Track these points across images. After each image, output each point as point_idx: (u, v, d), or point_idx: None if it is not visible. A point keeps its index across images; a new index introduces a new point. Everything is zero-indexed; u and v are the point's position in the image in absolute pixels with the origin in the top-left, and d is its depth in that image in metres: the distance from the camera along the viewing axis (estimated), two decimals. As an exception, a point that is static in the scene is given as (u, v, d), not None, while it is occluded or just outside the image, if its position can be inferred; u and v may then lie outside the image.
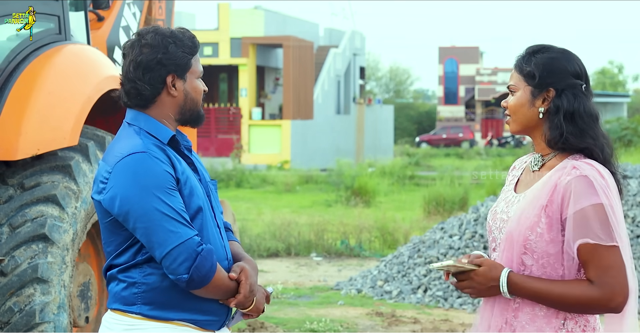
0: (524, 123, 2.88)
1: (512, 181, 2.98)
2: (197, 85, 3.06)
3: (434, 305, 9.22)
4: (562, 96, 2.80)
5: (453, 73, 59.82)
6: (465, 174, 22.95)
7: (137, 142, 2.95)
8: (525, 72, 2.85)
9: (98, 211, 3.02)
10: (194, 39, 3.05)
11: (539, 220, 2.76)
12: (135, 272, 2.98)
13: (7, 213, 4.77)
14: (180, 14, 36.04)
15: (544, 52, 2.85)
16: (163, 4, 7.20)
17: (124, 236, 2.97)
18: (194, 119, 3.09)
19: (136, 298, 2.98)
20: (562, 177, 2.76)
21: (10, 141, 4.81)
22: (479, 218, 10.02)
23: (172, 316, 2.97)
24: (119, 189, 2.90)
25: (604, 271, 2.71)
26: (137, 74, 2.99)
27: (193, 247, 2.90)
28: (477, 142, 53.90)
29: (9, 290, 4.63)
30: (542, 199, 2.77)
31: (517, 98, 2.87)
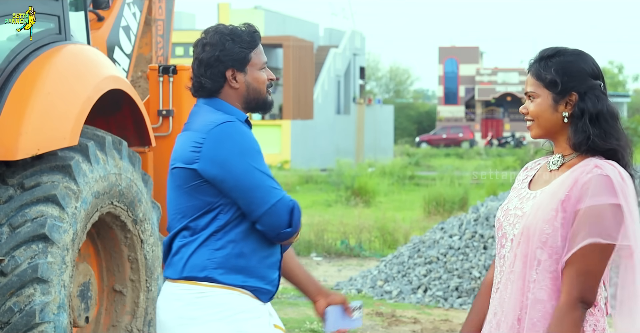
0: (547, 128, 2.87)
1: (525, 180, 2.97)
2: (259, 76, 3.33)
3: (434, 305, 9.22)
4: (585, 99, 2.81)
5: (453, 73, 59.84)
6: (465, 174, 22.95)
7: (224, 115, 3.25)
8: (546, 80, 2.84)
9: (178, 179, 3.22)
10: (254, 34, 3.32)
11: (556, 214, 2.76)
12: (212, 239, 3.18)
13: (7, 213, 4.77)
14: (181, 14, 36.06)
15: (560, 56, 2.85)
16: (163, 4, 7.20)
17: (204, 202, 3.18)
18: (260, 107, 3.38)
19: (208, 263, 3.18)
20: (584, 174, 2.77)
21: (10, 141, 4.80)
22: (479, 218, 10.03)
23: (239, 282, 3.18)
24: (218, 153, 3.17)
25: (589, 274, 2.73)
26: (200, 70, 3.29)
27: (288, 202, 3.19)
28: (477, 142, 53.91)
29: (9, 290, 4.63)
30: (560, 193, 2.77)
31: (539, 104, 2.86)
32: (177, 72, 6.16)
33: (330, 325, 3.35)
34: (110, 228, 5.51)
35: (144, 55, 7.00)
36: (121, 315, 5.65)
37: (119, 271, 5.62)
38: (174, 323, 3.22)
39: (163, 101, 6.16)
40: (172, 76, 6.14)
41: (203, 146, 3.18)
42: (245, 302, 3.20)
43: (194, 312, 3.19)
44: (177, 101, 6.17)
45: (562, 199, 2.77)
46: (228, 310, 3.18)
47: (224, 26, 3.33)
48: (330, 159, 32.89)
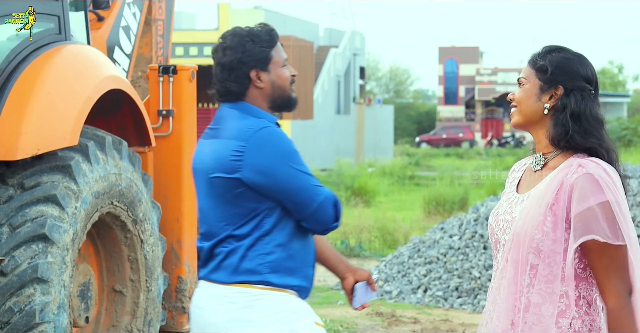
0: (527, 116, 2.87)
1: (513, 183, 2.98)
2: (282, 73, 3.36)
3: (434, 305, 9.22)
4: (570, 95, 2.81)
5: (453, 73, 59.83)
6: (465, 174, 22.95)
7: (257, 120, 3.28)
8: (537, 66, 2.85)
9: (219, 187, 3.25)
10: (272, 32, 3.35)
11: (545, 219, 2.76)
12: (260, 244, 3.25)
13: (7, 213, 4.77)
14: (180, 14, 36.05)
15: (560, 52, 2.87)
16: (163, 4, 7.20)
17: (248, 209, 3.24)
18: (286, 104, 3.39)
19: (262, 268, 3.26)
20: (569, 175, 2.76)
21: (10, 141, 4.80)
22: (479, 218, 10.02)
23: (291, 283, 3.27)
24: (261, 160, 3.22)
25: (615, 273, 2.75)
26: (224, 75, 3.33)
27: (331, 197, 3.30)
28: (477, 142, 53.90)
29: (9, 290, 4.63)
30: (547, 197, 2.77)
31: (525, 90, 2.87)
32: (177, 72, 6.16)
33: (357, 301, 3.47)
34: (110, 228, 5.50)
35: (144, 55, 7.00)
36: (121, 315, 5.64)
37: (119, 271, 5.62)
38: (229, 325, 3.28)
39: (163, 101, 6.16)
40: (172, 76, 6.14)
41: (244, 154, 3.23)
42: (295, 303, 3.30)
43: (250, 315, 3.26)
44: (177, 101, 6.17)
45: (551, 203, 2.77)
46: (282, 311, 3.27)
47: (241, 28, 3.37)
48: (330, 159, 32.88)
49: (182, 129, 6.17)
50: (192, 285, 6.16)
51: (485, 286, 9.23)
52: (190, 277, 6.15)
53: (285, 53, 3.39)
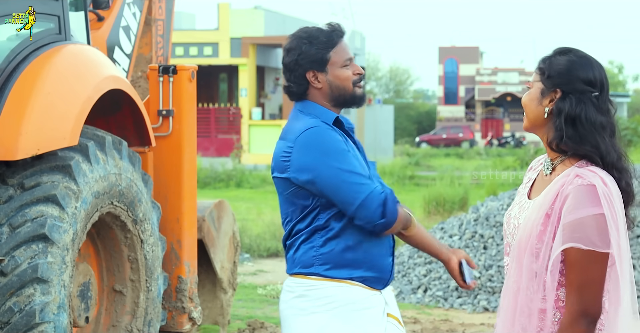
0: (532, 120, 2.88)
1: (528, 184, 2.98)
2: (341, 73, 3.45)
3: (433, 305, 9.22)
4: (565, 99, 2.79)
5: (453, 73, 59.82)
6: (465, 174, 22.93)
7: (309, 121, 3.43)
8: (539, 68, 2.88)
9: (278, 187, 3.47)
10: (332, 34, 3.46)
11: (545, 229, 2.77)
12: (314, 237, 3.41)
13: (7, 213, 4.77)
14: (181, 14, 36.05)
15: (565, 55, 2.86)
16: (163, 4, 7.20)
17: (302, 206, 3.41)
18: (349, 102, 3.49)
19: (314, 260, 3.42)
20: (565, 185, 2.76)
21: (10, 141, 4.80)
22: (479, 218, 10.03)
23: (345, 275, 3.38)
24: (303, 159, 3.37)
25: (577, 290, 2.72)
26: (286, 76, 3.51)
27: (378, 194, 3.34)
28: (477, 142, 53.88)
29: (9, 290, 4.63)
30: (545, 207, 2.78)
31: (529, 94, 2.89)
32: (177, 72, 6.16)
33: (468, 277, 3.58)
34: (110, 228, 5.51)
35: (144, 55, 7.00)
36: (121, 315, 5.65)
37: (119, 271, 5.62)
38: (287, 312, 3.50)
39: (163, 101, 6.16)
40: (172, 76, 6.14)
41: (291, 154, 3.42)
42: (355, 293, 3.40)
43: (304, 303, 3.44)
44: (177, 101, 6.17)
45: (548, 213, 2.77)
46: (335, 302, 3.40)
47: (304, 29, 3.50)
48: (330, 159, 32.78)
49: (182, 129, 6.18)
50: (192, 285, 6.16)
51: (486, 286, 9.24)
52: (190, 277, 6.15)
53: (348, 53, 3.48)
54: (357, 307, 3.41)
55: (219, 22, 35.31)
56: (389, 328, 3.49)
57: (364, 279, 3.42)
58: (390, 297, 3.56)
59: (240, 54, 35.18)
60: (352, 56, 3.50)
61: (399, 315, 3.57)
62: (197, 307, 6.17)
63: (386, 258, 3.48)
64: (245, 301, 9.16)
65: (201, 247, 6.64)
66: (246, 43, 34.89)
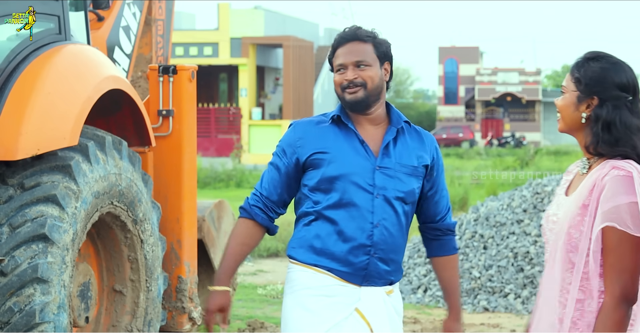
0: (568, 124, 3.04)
1: (564, 185, 3.12)
2: (334, 78, 3.57)
3: (434, 305, 9.22)
4: (603, 106, 2.96)
5: (453, 73, 59.82)
6: (466, 174, 22.93)
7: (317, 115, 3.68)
8: (575, 77, 3.01)
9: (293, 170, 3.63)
10: (336, 38, 3.60)
11: (582, 219, 2.91)
12: (298, 223, 3.61)
13: (7, 213, 4.76)
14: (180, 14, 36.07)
15: (598, 61, 3.01)
16: (163, 4, 7.20)
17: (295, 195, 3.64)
18: (346, 106, 3.58)
19: (292, 243, 3.59)
20: (602, 177, 2.90)
21: (10, 141, 4.80)
22: (479, 218, 10.03)
23: (312, 261, 3.51)
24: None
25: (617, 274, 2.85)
26: None
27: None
28: (477, 142, 53.88)
29: (9, 290, 4.63)
30: (583, 198, 2.92)
31: (565, 99, 3.04)
32: (177, 72, 6.16)
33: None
34: (110, 228, 5.51)
35: (144, 55, 7.00)
36: (121, 315, 5.65)
37: (119, 271, 5.62)
38: None
39: (163, 101, 6.16)
40: (172, 76, 6.14)
41: None
42: (317, 280, 3.51)
43: (285, 285, 3.64)
44: (177, 101, 6.17)
45: (585, 203, 2.91)
46: (297, 285, 3.54)
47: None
48: (330, 159, 32.77)
49: (182, 129, 6.18)
50: (192, 285, 6.16)
51: (485, 286, 9.24)
52: (190, 277, 6.15)
53: (339, 58, 3.54)
54: (315, 292, 3.50)
55: (219, 22, 35.32)
56: (348, 323, 3.49)
57: (330, 269, 3.50)
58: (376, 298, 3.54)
59: (240, 54, 35.20)
60: (350, 61, 3.51)
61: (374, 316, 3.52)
62: (197, 307, 6.17)
63: (358, 256, 3.50)
64: (245, 301, 9.16)
65: (201, 247, 6.65)
66: (246, 43, 34.91)
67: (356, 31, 3.56)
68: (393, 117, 3.61)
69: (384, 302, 3.55)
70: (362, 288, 3.52)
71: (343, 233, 3.50)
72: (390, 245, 3.53)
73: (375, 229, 3.50)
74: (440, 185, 3.66)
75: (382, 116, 3.61)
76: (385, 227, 3.51)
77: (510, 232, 9.65)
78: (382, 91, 3.57)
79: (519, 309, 8.92)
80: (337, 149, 3.53)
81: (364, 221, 3.50)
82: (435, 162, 3.65)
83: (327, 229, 3.51)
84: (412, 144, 3.60)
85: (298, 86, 35.18)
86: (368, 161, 3.52)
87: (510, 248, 9.46)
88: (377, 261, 3.51)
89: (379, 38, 3.58)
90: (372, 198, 3.50)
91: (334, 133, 3.56)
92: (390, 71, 3.62)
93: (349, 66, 3.52)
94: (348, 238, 3.50)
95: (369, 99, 3.53)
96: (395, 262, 3.57)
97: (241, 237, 3.67)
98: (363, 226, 3.50)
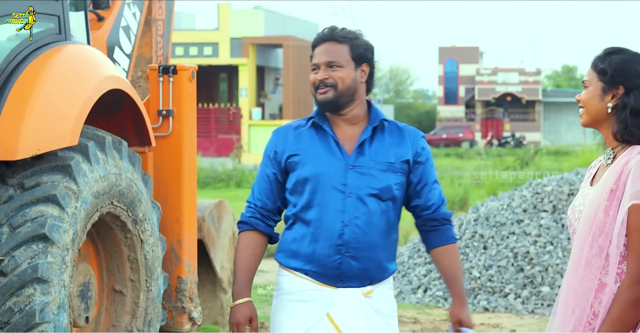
0: (593, 116, 3.12)
1: (589, 178, 3.20)
2: (310, 78, 3.59)
3: (434, 305, 9.23)
4: (630, 95, 3.06)
5: (453, 73, 59.85)
6: (466, 174, 22.95)
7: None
8: (598, 69, 3.10)
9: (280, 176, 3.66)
10: (314, 38, 3.59)
11: (610, 204, 2.99)
12: (284, 229, 3.64)
13: (7, 213, 4.77)
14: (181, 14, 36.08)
15: (619, 54, 3.11)
16: (163, 4, 7.20)
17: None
18: (318, 106, 3.59)
19: (277, 249, 3.65)
20: (628, 162, 2.99)
21: (10, 141, 4.80)
22: (479, 218, 10.04)
23: (292, 264, 3.55)
24: None
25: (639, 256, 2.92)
26: None
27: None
28: (477, 142, 53.90)
29: (8, 290, 4.63)
30: (610, 183, 3.01)
31: (589, 92, 3.12)
32: (177, 72, 6.16)
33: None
34: (110, 228, 5.51)
35: (144, 55, 7.00)
36: (121, 315, 5.65)
37: (119, 271, 5.62)
38: None
39: (163, 101, 6.16)
40: (172, 76, 6.15)
41: None
42: (296, 284, 3.55)
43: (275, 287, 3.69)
44: (177, 101, 6.17)
45: (612, 188, 2.99)
46: (280, 289, 3.61)
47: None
48: (330, 159, 32.78)
49: (182, 129, 6.18)
50: (192, 285, 6.17)
51: (485, 286, 9.25)
52: (190, 277, 6.16)
53: (314, 57, 3.56)
54: (294, 297, 3.54)
55: (219, 22, 35.34)
56: (318, 328, 3.50)
57: (306, 272, 3.53)
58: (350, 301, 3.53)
59: (240, 54, 35.22)
60: (322, 61, 3.52)
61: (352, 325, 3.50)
62: (197, 307, 6.18)
63: (330, 256, 3.51)
64: (246, 301, 9.15)
65: (201, 247, 6.65)
66: (246, 43, 34.92)
67: (333, 32, 3.55)
68: (371, 116, 3.62)
69: (359, 303, 3.53)
70: (338, 291, 3.52)
71: (315, 234, 3.52)
72: (363, 243, 3.52)
73: (346, 228, 3.50)
74: (429, 178, 3.65)
75: (361, 116, 3.61)
76: (357, 226, 3.51)
77: (510, 232, 9.66)
78: (355, 92, 3.56)
79: (519, 309, 8.93)
80: (310, 151, 3.56)
81: (335, 221, 3.51)
82: (420, 156, 3.66)
83: (302, 231, 3.54)
84: (390, 141, 3.61)
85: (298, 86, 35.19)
86: (341, 161, 3.54)
87: (510, 248, 9.46)
88: (349, 260, 3.51)
89: (358, 40, 3.56)
90: (343, 197, 3.51)
91: (309, 135, 3.58)
92: (370, 73, 3.60)
93: (321, 66, 3.53)
94: (320, 239, 3.52)
95: (339, 99, 3.53)
96: (371, 260, 3.54)
97: (249, 249, 3.64)
98: (334, 225, 3.51)
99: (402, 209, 3.68)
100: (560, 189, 9.81)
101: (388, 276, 3.61)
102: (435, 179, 3.69)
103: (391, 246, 3.61)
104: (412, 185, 3.62)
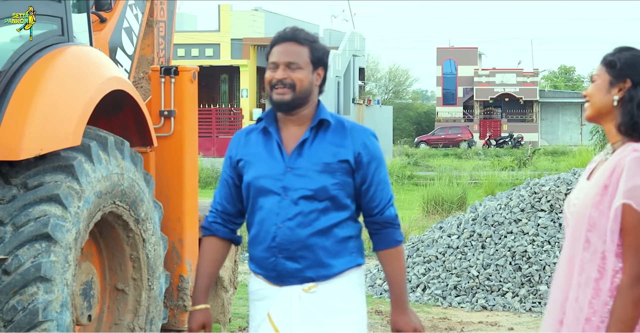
0: (598, 108, 3.14)
1: (587, 172, 3.21)
2: (265, 75, 3.54)
3: (432, 303, 9.26)
4: (637, 88, 3.08)
5: (451, 74, 59.80)
6: (464, 174, 22.95)
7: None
8: (607, 62, 3.14)
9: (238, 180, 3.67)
10: (274, 36, 3.55)
11: (602, 199, 3.01)
12: None
13: (10, 213, 4.78)
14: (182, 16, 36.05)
15: (630, 51, 3.16)
16: (165, 5, 7.22)
17: None
18: (272, 104, 3.54)
19: None
20: (622, 158, 3.00)
21: (13, 142, 4.82)
22: (477, 217, 10.07)
23: (250, 266, 3.60)
24: None
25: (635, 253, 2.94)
26: None
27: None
28: (476, 142, 53.86)
29: (12, 288, 4.64)
30: (603, 179, 3.02)
31: (596, 85, 3.16)
32: (179, 73, 6.20)
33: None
34: (113, 227, 5.53)
35: (146, 56, 7.03)
36: (123, 313, 5.67)
37: (121, 270, 5.64)
38: None
39: (165, 101, 6.20)
40: (173, 77, 6.18)
41: None
42: (253, 284, 3.60)
43: None
44: (179, 101, 6.20)
45: (606, 184, 3.01)
46: (249, 290, 3.65)
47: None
48: (330, 160, 32.73)
49: (184, 130, 6.21)
50: (193, 283, 6.20)
51: (484, 285, 9.28)
52: (192, 276, 6.19)
53: (273, 55, 3.50)
54: (253, 297, 3.61)
55: (220, 23, 35.32)
56: (261, 328, 3.53)
57: (257, 273, 3.58)
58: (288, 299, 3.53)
59: (241, 55, 35.19)
60: (282, 61, 3.48)
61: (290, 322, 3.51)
62: (198, 306, 6.20)
63: (267, 259, 3.53)
64: (246, 300, 9.19)
65: (202, 246, 6.68)
66: (247, 44, 34.90)
67: (295, 32, 3.53)
68: (314, 116, 3.56)
69: (299, 299, 3.51)
70: (281, 289, 3.53)
71: (257, 237, 3.55)
72: (296, 243, 3.49)
73: (279, 230, 3.50)
74: (374, 179, 3.54)
75: (308, 117, 3.56)
76: (289, 228, 3.49)
77: (508, 231, 9.69)
78: (310, 95, 3.53)
79: (517, 307, 8.96)
80: (254, 155, 3.56)
81: (270, 224, 3.51)
82: (365, 156, 3.53)
83: (252, 234, 3.58)
84: (331, 140, 3.53)
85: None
86: (281, 164, 3.52)
87: (508, 247, 9.50)
88: (284, 260, 3.50)
89: (317, 43, 3.54)
90: (279, 200, 3.50)
91: (256, 139, 3.57)
92: (324, 77, 3.58)
93: (280, 65, 3.49)
94: (259, 242, 3.54)
95: (295, 101, 3.50)
96: (307, 259, 3.49)
97: (209, 254, 3.67)
98: (269, 228, 3.51)
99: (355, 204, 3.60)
100: (557, 189, 9.85)
101: (335, 272, 3.54)
102: (382, 179, 3.57)
103: (339, 243, 3.55)
104: (357, 185, 3.56)
